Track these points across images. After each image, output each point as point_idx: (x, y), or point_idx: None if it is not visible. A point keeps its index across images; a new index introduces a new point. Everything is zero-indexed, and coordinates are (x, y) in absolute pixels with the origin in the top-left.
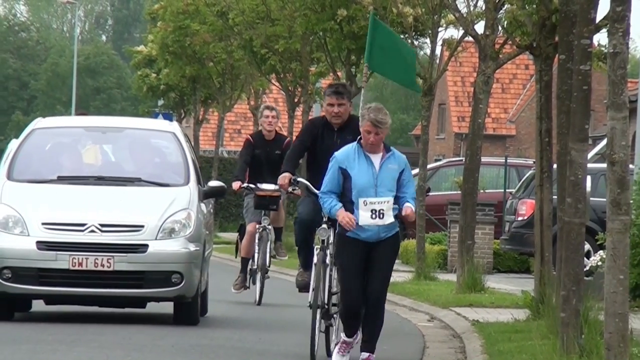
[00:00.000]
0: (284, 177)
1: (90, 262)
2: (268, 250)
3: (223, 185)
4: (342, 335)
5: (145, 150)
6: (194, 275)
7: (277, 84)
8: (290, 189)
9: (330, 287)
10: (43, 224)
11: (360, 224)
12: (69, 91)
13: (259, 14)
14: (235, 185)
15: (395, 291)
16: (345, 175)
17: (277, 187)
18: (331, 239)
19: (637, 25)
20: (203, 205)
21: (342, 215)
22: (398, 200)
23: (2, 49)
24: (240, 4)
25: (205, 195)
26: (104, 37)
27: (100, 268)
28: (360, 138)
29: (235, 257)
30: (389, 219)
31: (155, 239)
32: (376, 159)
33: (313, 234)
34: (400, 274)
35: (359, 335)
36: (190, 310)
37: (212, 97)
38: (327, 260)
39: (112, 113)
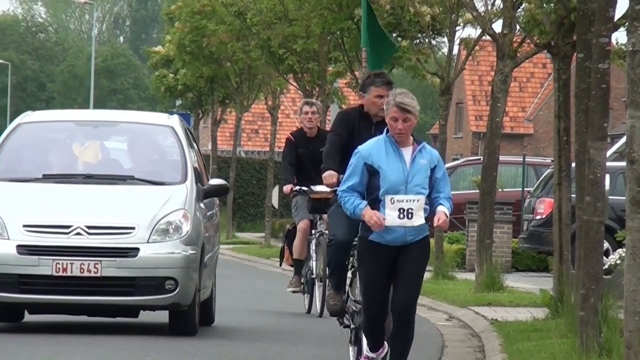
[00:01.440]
0: (332, 176)
1: (75, 267)
2: (322, 257)
3: (225, 183)
4: (365, 350)
5: (140, 145)
6: (190, 281)
7: (294, 83)
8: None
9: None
10: (24, 226)
11: (386, 224)
12: (86, 92)
13: (276, 13)
14: (287, 188)
15: None
16: (371, 171)
17: (330, 188)
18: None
19: None
20: (203, 205)
21: (370, 215)
22: (431, 201)
23: (21, 50)
24: (258, 4)
25: (206, 194)
26: (121, 38)
27: (86, 274)
28: (388, 130)
29: (280, 265)
30: (419, 220)
31: (147, 242)
32: (407, 152)
33: (349, 255)
34: None
35: (386, 348)
36: (186, 320)
37: (230, 97)
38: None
39: None
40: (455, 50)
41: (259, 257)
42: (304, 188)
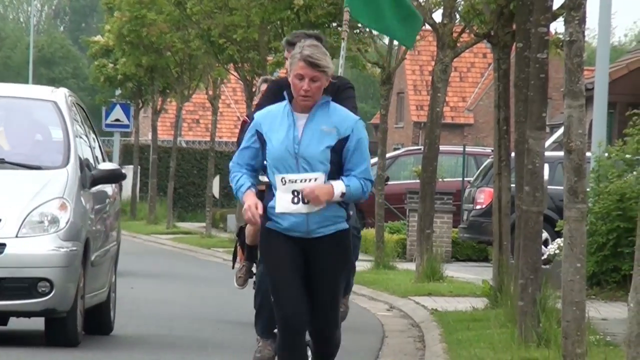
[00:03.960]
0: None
1: None
2: None
3: (118, 168)
4: None
5: (16, 123)
6: (69, 282)
7: (235, 73)
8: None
9: None
10: None
11: (277, 210)
12: (24, 82)
13: (216, 3)
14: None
15: (355, 280)
16: (262, 141)
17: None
18: None
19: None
20: (90, 194)
21: (247, 203)
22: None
23: None
24: None
25: (95, 180)
26: (61, 28)
27: None
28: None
29: (233, 267)
30: (318, 204)
31: (16, 236)
32: (302, 118)
33: None
34: (359, 263)
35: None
36: (65, 328)
37: (170, 87)
38: None
39: None
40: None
41: (199, 247)
42: None
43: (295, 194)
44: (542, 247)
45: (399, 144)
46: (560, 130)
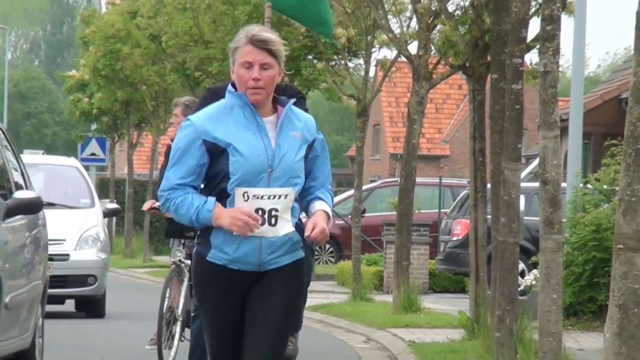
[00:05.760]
0: None
1: None
2: (184, 294)
3: (37, 196)
4: None
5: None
6: None
7: None
8: None
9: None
10: None
11: (236, 232)
12: None
13: (192, 36)
14: (147, 205)
15: (332, 312)
16: (215, 151)
17: None
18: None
19: (569, 44)
20: (4, 227)
21: (234, 215)
22: (302, 195)
23: None
24: (173, 27)
25: (9, 211)
26: (36, 62)
27: None
28: (234, 86)
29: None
30: (284, 226)
31: None
32: (269, 122)
33: None
34: (336, 295)
35: None
36: None
37: (146, 121)
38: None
39: (44, 138)
40: (372, 72)
41: None
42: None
43: (261, 212)
44: (519, 278)
45: (376, 176)
46: (536, 161)
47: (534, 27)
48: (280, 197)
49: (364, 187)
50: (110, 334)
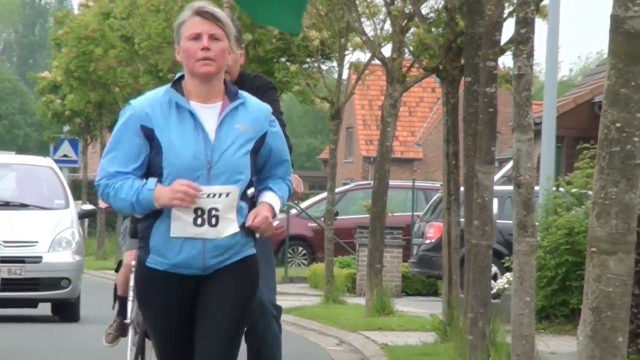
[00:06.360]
0: None
1: None
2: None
3: None
4: None
5: None
6: None
7: None
8: None
9: None
10: None
11: (172, 233)
12: None
13: (165, 38)
14: (103, 203)
15: (304, 315)
16: (151, 139)
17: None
18: None
19: (541, 48)
20: None
21: (170, 191)
22: (256, 188)
23: None
24: (147, 29)
25: None
26: (7, 65)
27: None
28: (179, 78)
29: (113, 308)
30: (228, 227)
31: None
32: (209, 112)
33: None
34: (309, 298)
35: None
36: None
37: None
38: None
39: (15, 139)
40: (345, 75)
41: None
42: None
43: (200, 212)
44: (492, 281)
45: (349, 179)
46: (509, 165)
47: (507, 30)
48: (220, 195)
49: (336, 190)
50: (84, 338)
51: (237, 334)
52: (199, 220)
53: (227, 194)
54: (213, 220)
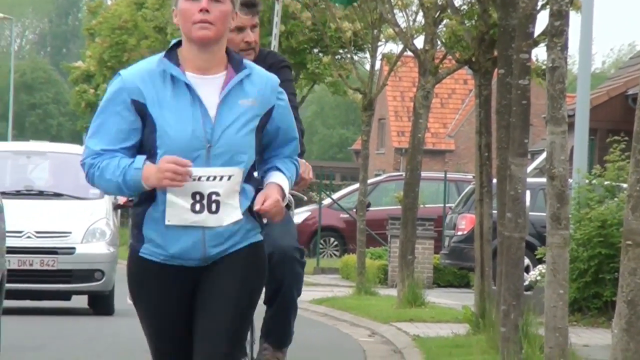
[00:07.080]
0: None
1: None
2: None
3: None
4: None
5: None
6: None
7: None
8: None
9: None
10: None
11: (167, 221)
12: (3, 107)
13: None
14: (122, 199)
15: (336, 306)
16: (144, 115)
17: None
18: None
19: (575, 40)
20: None
21: (160, 170)
22: (262, 168)
23: None
24: None
25: None
26: (42, 54)
27: None
28: (176, 45)
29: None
30: (231, 214)
31: None
32: (209, 85)
33: None
34: (340, 289)
35: None
36: None
37: None
38: None
39: (49, 129)
40: (378, 66)
41: None
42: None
43: (198, 197)
44: (524, 273)
45: (381, 170)
46: (542, 157)
47: (540, 22)
48: (221, 178)
49: (369, 181)
50: (117, 329)
51: (241, 331)
52: (198, 206)
53: (229, 177)
54: (213, 206)
